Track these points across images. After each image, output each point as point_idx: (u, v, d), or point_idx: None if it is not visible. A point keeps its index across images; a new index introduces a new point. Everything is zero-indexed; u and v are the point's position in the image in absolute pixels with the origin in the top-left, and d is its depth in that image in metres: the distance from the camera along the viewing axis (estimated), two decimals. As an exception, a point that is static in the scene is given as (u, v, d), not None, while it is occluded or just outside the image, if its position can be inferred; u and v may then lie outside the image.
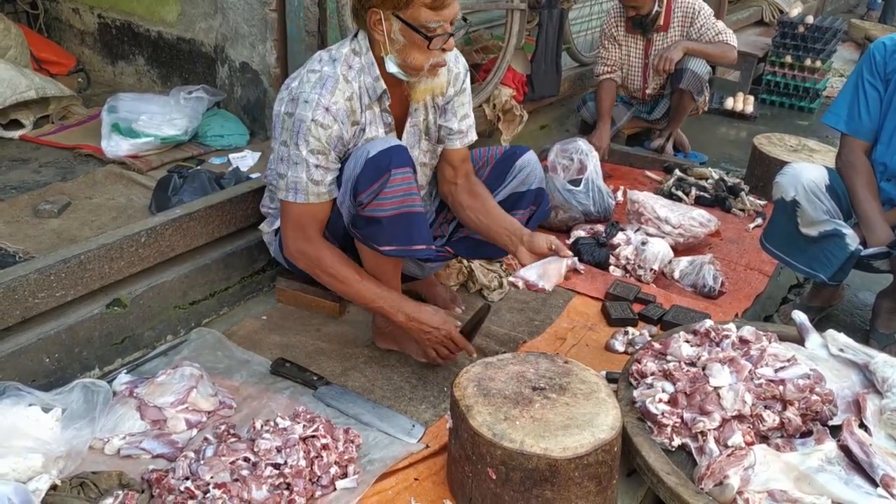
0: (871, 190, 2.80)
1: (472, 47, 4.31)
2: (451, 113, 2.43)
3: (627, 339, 2.69)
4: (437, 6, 2.06)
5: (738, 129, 5.77)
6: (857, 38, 8.37)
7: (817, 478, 1.85)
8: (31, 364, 2.18)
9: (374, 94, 2.25)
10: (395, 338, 2.52)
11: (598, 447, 1.76)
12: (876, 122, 2.81)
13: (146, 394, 2.14)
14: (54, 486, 1.81)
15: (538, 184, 2.59)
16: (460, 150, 2.48)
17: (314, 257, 2.28)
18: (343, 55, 2.23)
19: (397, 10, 2.08)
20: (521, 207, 2.56)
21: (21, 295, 2.12)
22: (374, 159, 2.13)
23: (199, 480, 1.82)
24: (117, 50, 4.09)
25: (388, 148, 2.15)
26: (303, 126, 2.15)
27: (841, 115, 2.88)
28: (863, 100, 2.82)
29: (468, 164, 2.52)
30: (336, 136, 2.19)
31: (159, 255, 2.48)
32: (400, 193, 2.14)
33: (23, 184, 2.98)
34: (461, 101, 2.45)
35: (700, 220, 3.47)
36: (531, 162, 2.58)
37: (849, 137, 2.87)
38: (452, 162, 2.49)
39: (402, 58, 2.16)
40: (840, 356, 2.28)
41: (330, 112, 2.16)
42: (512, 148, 2.64)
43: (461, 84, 2.43)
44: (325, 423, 2.03)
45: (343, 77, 2.20)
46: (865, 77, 2.81)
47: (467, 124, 2.48)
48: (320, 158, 2.19)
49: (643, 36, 4.37)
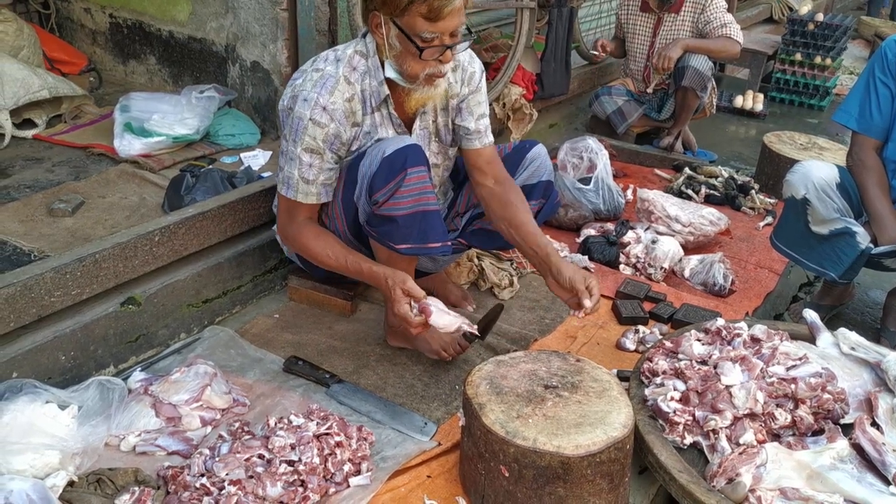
0: (882, 188, 2.79)
1: (482, 46, 4.31)
2: (466, 112, 2.41)
3: (638, 337, 2.69)
4: (433, 17, 2.03)
5: (747, 127, 5.76)
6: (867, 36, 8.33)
7: (829, 476, 1.85)
8: (48, 362, 2.20)
9: (378, 98, 2.25)
10: (406, 336, 2.53)
11: (611, 445, 1.77)
12: (887, 120, 2.81)
13: (161, 391, 2.16)
14: (71, 482, 1.83)
15: (548, 176, 2.59)
16: (483, 150, 2.45)
17: (295, 238, 2.34)
18: (348, 56, 2.23)
19: (395, 16, 2.07)
20: (532, 199, 2.55)
21: (37, 293, 2.14)
22: (389, 158, 2.14)
23: (215, 477, 1.83)
24: (129, 49, 4.11)
25: (404, 147, 2.16)
26: (300, 124, 2.18)
27: (852, 114, 2.88)
28: (874, 98, 2.81)
29: (496, 165, 2.46)
30: (333, 134, 2.20)
31: (173, 253, 2.50)
32: (416, 192, 2.15)
33: (36, 183, 3.01)
34: (477, 101, 2.43)
35: (710, 219, 3.47)
36: (541, 154, 2.59)
37: (860, 136, 2.87)
38: (478, 164, 2.45)
39: (399, 64, 2.16)
40: (852, 355, 2.28)
41: (327, 111, 2.17)
42: (522, 142, 2.65)
43: (476, 83, 2.42)
44: (339, 420, 2.05)
45: (345, 78, 2.20)
46: (877, 75, 2.81)
47: (485, 124, 2.46)
48: (314, 157, 2.21)
49: (656, 13, 4.38)
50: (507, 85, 4.00)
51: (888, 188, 2.81)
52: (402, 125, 2.33)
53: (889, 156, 2.82)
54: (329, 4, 3.28)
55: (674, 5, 4.35)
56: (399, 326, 2.34)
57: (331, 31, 3.33)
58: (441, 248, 2.24)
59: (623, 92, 4.75)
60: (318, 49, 3.29)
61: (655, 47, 4.44)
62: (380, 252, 2.33)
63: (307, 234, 2.31)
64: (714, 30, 4.26)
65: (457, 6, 2.05)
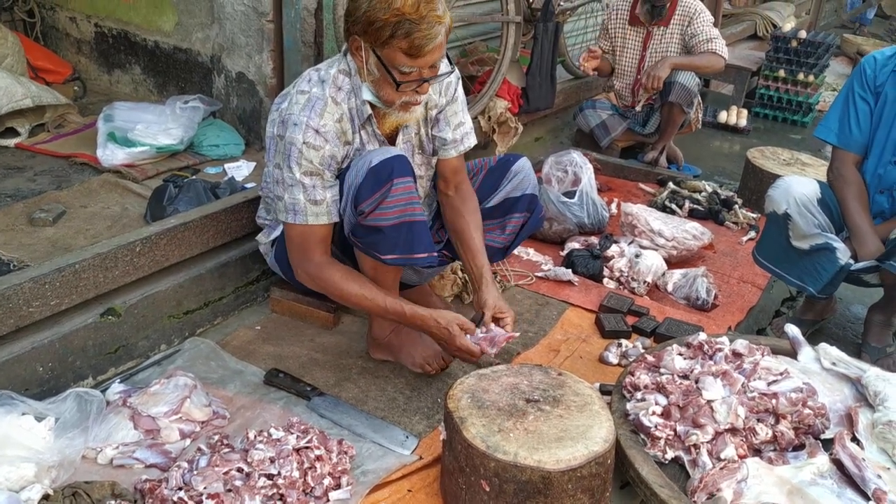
0: (862, 202, 2.82)
1: (468, 59, 4.34)
2: (444, 123, 2.42)
3: (621, 351, 2.69)
4: (413, 54, 2.04)
5: (731, 143, 5.80)
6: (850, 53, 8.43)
7: (809, 491, 1.86)
8: (25, 373, 2.17)
9: (363, 117, 2.25)
10: (390, 348, 2.52)
11: (592, 459, 1.77)
12: (867, 135, 2.84)
13: (140, 403, 2.14)
14: (46, 495, 1.81)
15: (532, 189, 2.60)
16: (452, 160, 2.47)
17: (319, 278, 2.25)
18: (332, 76, 2.22)
19: (375, 46, 2.08)
20: (516, 212, 2.57)
21: (15, 303, 2.11)
22: (375, 169, 2.13)
23: (193, 490, 1.81)
24: (114, 59, 4.10)
25: (390, 158, 2.15)
26: (293, 149, 2.16)
27: (832, 129, 2.91)
28: (853, 113, 2.84)
29: (460, 175, 2.50)
30: (329, 155, 2.19)
31: (154, 264, 2.48)
32: (402, 202, 2.15)
33: (18, 192, 2.98)
34: (453, 110, 2.43)
35: (693, 233, 3.49)
36: (524, 168, 2.60)
37: (840, 150, 2.89)
38: (443, 173, 2.48)
39: (376, 89, 2.17)
40: (833, 370, 2.30)
41: (320, 134, 2.16)
42: (507, 155, 2.66)
43: (453, 93, 2.41)
44: (319, 434, 2.03)
45: (332, 99, 2.20)
46: (856, 90, 2.84)
47: (462, 132, 2.46)
48: (315, 180, 2.19)
49: (645, 26, 4.42)
50: (493, 98, 4.02)
51: (868, 202, 2.83)
52: (385, 142, 2.34)
53: (869, 170, 2.85)
54: (315, 17, 3.28)
55: (663, 19, 4.38)
56: (456, 354, 2.28)
57: (316, 44, 3.33)
58: (427, 258, 2.24)
59: (607, 106, 4.78)
60: (303, 61, 3.29)
61: (646, 61, 4.46)
62: (365, 263, 2.32)
63: (334, 275, 2.24)
64: (699, 44, 4.29)
65: (438, 43, 2.05)
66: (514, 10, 3.92)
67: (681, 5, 4.36)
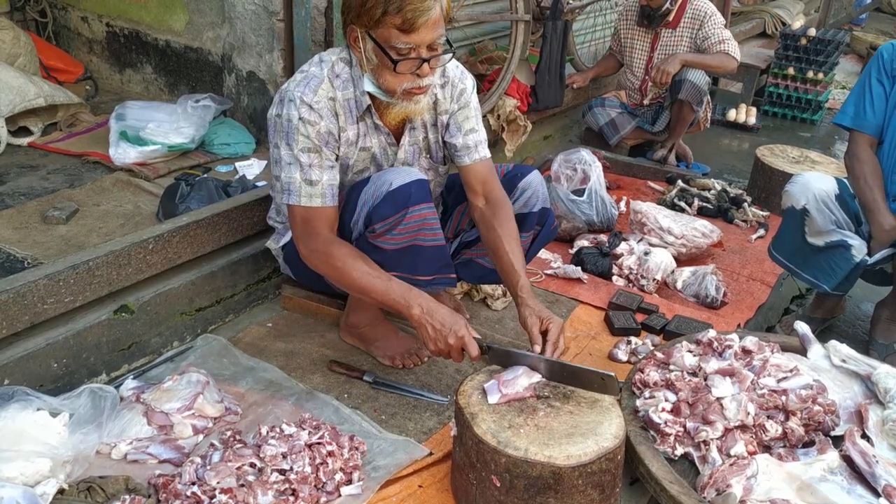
0: (876, 180, 2.83)
1: (477, 58, 4.34)
2: (454, 128, 2.37)
3: (630, 348, 2.70)
4: (407, 29, 2.00)
5: (740, 141, 5.79)
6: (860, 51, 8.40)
7: (819, 487, 1.86)
8: (39, 369, 2.20)
9: (361, 107, 2.23)
10: (362, 338, 2.55)
11: (602, 455, 1.78)
12: (881, 117, 2.87)
13: (153, 399, 2.15)
14: (61, 490, 1.82)
15: (542, 204, 2.50)
16: (474, 167, 2.37)
17: (325, 253, 2.14)
18: (332, 61, 2.21)
19: (370, 29, 2.06)
20: (525, 230, 2.47)
21: (30, 301, 2.13)
22: (393, 194, 2.14)
23: (206, 486, 1.83)
24: (125, 58, 4.13)
25: (409, 182, 2.15)
26: (291, 125, 2.14)
27: (848, 113, 2.96)
28: (868, 95, 2.88)
29: (490, 184, 2.37)
30: (325, 131, 2.17)
31: (167, 261, 2.50)
32: (413, 229, 2.17)
33: (31, 190, 3.01)
34: (465, 116, 2.38)
35: (702, 231, 3.49)
36: (533, 183, 2.49)
37: (855, 132, 2.92)
38: (469, 182, 2.39)
39: (376, 78, 2.14)
40: (842, 367, 2.29)
41: (314, 109, 2.14)
42: (516, 168, 2.55)
43: (466, 99, 2.38)
44: (331, 429, 2.05)
45: (328, 79, 2.18)
46: (873, 75, 2.89)
47: (474, 140, 2.38)
48: (313, 156, 2.16)
49: (651, 28, 4.43)
50: (502, 97, 4.02)
51: (882, 181, 2.83)
52: (389, 135, 2.32)
53: (885, 154, 2.86)
54: (325, 15, 3.30)
55: (670, 22, 4.39)
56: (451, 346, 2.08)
57: (327, 42, 3.34)
58: (433, 280, 2.26)
59: (616, 104, 4.78)
60: (313, 59, 3.30)
61: (654, 61, 4.48)
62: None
63: (341, 249, 2.14)
64: (712, 45, 4.30)
65: (432, 18, 2.01)
66: (523, 8, 3.93)
67: (690, 7, 4.36)
